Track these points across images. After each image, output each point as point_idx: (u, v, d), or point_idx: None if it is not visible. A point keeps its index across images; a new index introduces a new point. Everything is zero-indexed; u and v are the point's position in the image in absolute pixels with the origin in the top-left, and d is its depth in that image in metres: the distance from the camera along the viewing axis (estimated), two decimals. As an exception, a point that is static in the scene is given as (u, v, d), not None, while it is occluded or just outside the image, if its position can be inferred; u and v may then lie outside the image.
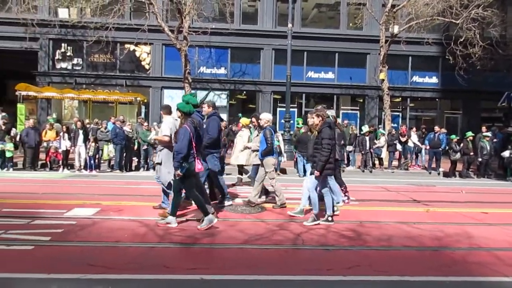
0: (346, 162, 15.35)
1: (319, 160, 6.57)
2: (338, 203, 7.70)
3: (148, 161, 13.83)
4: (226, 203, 7.82)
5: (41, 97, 19.18)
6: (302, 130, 13.06)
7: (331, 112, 8.83)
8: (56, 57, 21.15)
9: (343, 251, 5.36)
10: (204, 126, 7.41)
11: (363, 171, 14.68)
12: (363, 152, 14.73)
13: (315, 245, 5.54)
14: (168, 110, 7.26)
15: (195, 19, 17.79)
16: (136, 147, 13.78)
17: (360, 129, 16.81)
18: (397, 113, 22.40)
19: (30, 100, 19.51)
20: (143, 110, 20.73)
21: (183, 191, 6.47)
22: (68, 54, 21.15)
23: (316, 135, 6.79)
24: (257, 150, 7.97)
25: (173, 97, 20.92)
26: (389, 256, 5.28)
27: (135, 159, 14.17)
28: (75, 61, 21.22)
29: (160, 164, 6.98)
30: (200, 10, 17.84)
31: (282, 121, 18.23)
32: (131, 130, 13.75)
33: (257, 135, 8.56)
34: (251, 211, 7.50)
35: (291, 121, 17.60)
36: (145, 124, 14.18)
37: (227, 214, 7.20)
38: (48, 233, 5.65)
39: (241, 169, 10.85)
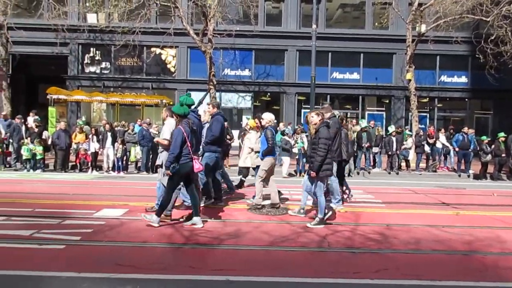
0: (372, 164, 15.18)
1: (315, 160, 6.49)
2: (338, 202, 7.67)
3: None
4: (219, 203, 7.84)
5: (71, 100, 19.74)
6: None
7: (338, 112, 8.74)
8: (85, 61, 21.73)
9: (370, 254, 5.28)
10: (207, 126, 7.56)
11: (389, 173, 14.44)
12: (389, 153, 14.49)
13: (341, 248, 5.48)
14: (170, 112, 7.30)
15: (220, 22, 17.95)
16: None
17: (386, 130, 16.54)
18: (425, 114, 21.96)
19: (60, 104, 20.11)
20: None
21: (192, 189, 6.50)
22: (97, 58, 21.70)
23: (314, 135, 6.72)
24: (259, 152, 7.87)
25: (198, 99, 21.09)
26: (418, 259, 5.17)
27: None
28: (103, 65, 21.75)
29: (161, 166, 7.00)
30: (224, 12, 18.00)
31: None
32: (157, 132, 13.96)
33: (259, 136, 8.55)
34: (276, 213, 7.48)
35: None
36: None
37: (251, 216, 7.22)
38: (78, 233, 5.80)
39: (246, 171, 10.56)
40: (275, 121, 9.84)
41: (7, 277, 4.15)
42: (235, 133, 15.40)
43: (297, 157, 13.31)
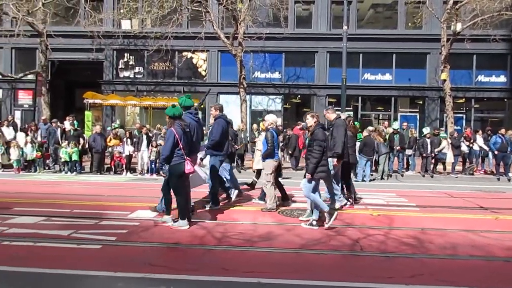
0: (405, 166, 14.85)
1: (310, 162, 6.52)
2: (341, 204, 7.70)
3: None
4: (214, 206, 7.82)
5: (106, 104, 20.33)
6: (365, 133, 12.79)
7: (344, 115, 8.68)
8: (120, 66, 22.33)
9: (404, 259, 5.17)
10: (209, 128, 7.58)
11: (424, 175, 14.06)
12: (423, 155, 14.12)
13: (374, 252, 5.39)
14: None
15: (250, 25, 18.04)
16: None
17: (420, 132, 16.13)
18: (461, 115, 21.26)
19: (96, 108, 20.74)
20: (200, 115, 21.28)
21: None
22: (131, 63, 22.26)
23: (310, 137, 6.74)
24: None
25: (229, 102, 21.27)
26: (454, 265, 5.02)
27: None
28: (136, 69, 22.29)
29: None
30: (254, 16, 18.09)
31: (338, 124, 17.95)
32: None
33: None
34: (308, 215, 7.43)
35: (347, 125, 17.29)
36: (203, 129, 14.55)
37: (283, 218, 7.21)
38: (114, 233, 5.97)
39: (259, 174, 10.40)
40: (279, 123, 9.74)
41: (48, 276, 4.32)
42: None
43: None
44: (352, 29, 20.36)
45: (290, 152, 14.94)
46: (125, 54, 22.23)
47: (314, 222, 6.61)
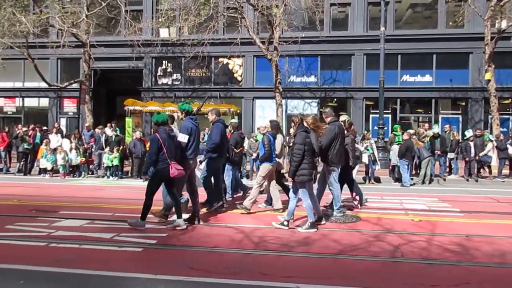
0: (447, 170, 14.35)
1: (291, 166, 6.55)
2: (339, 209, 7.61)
3: (242, 169, 14.23)
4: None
5: (145, 111, 20.88)
6: (405, 137, 12.45)
7: (343, 117, 8.62)
8: (158, 74, 22.93)
9: (448, 266, 4.97)
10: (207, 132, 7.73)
11: (467, 180, 13.50)
12: (467, 159, 13.57)
13: (416, 259, 5.21)
14: (172, 119, 7.67)
15: (285, 29, 18.06)
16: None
17: (463, 135, 15.51)
18: (507, 116, 20.32)
19: (136, 114, 21.34)
20: (236, 120, 21.46)
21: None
22: (168, 70, 22.81)
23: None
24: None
25: (264, 107, 21.39)
26: (504, 274, 4.78)
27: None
28: (174, 76, 22.80)
29: None
30: (290, 20, 18.09)
31: (376, 127, 17.64)
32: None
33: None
34: (345, 221, 7.33)
35: (385, 128, 16.95)
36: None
37: (320, 224, 7.12)
38: (154, 236, 6.10)
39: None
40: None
41: (93, 277, 4.46)
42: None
43: (366, 163, 12.91)
44: (390, 30, 19.96)
45: (327, 156, 14.76)
46: (163, 62, 22.80)
47: (286, 223, 6.64)
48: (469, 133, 14.00)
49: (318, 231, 6.54)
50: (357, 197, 8.58)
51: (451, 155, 14.03)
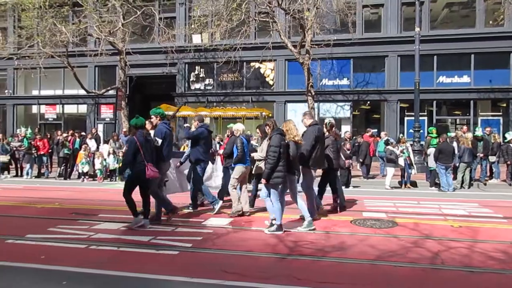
0: (488, 174, 13.81)
1: (266, 168, 6.61)
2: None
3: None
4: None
5: (179, 115, 21.26)
6: (441, 140, 12.10)
7: (328, 120, 8.73)
8: (191, 79, 23.29)
9: (492, 275, 4.77)
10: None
11: (510, 184, 12.94)
12: (508, 162, 13.01)
13: (457, 266, 5.03)
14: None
15: (317, 32, 17.95)
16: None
17: (504, 137, 14.88)
18: (552, 117, 19.38)
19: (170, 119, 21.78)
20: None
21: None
22: (201, 75, 23.13)
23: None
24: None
25: (296, 111, 21.28)
26: (552, 284, 4.54)
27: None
28: (207, 81, 23.10)
29: None
30: (322, 23, 17.98)
31: (411, 130, 17.21)
32: (258, 144, 14.34)
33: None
34: (381, 226, 7.18)
35: (421, 131, 16.51)
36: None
37: (355, 228, 7.01)
38: (189, 240, 6.18)
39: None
40: (248, 131, 9.92)
41: (131, 279, 4.56)
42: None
43: (402, 166, 12.60)
44: (425, 31, 19.46)
45: (360, 160, 14.55)
46: (196, 67, 23.14)
47: (277, 227, 6.60)
48: (510, 135, 13.41)
49: (354, 236, 6.44)
50: (337, 199, 8.56)
51: (492, 158, 13.49)
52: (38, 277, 4.63)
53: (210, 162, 9.18)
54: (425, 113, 20.50)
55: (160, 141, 7.20)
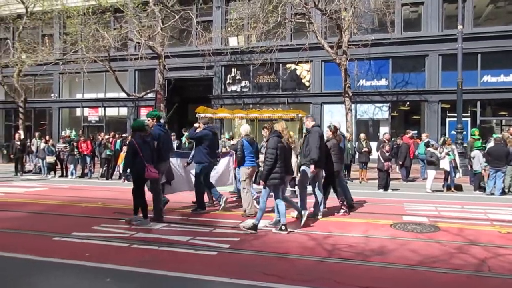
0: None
1: (263, 170, 6.86)
2: (316, 215, 7.90)
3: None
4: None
5: (216, 117, 21.51)
6: (491, 143, 11.61)
7: (334, 123, 8.87)
8: (227, 81, 23.53)
9: (544, 284, 4.53)
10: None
11: None
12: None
13: (506, 274, 4.81)
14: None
15: (354, 33, 17.69)
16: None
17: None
18: None
19: (206, 121, 22.04)
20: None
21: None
22: (237, 77, 23.33)
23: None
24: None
25: (333, 112, 21.06)
26: None
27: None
28: (243, 83, 23.27)
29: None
30: (359, 23, 17.72)
31: (453, 132, 16.64)
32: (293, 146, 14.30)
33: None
34: (423, 230, 6.97)
35: (464, 132, 15.92)
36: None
37: (395, 232, 6.85)
38: (227, 241, 6.23)
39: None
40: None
41: (171, 278, 4.65)
42: (373, 145, 14.93)
43: (447, 169, 12.16)
44: (468, 28, 18.77)
45: (400, 162, 14.20)
46: (233, 69, 23.35)
47: (284, 227, 6.75)
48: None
49: (394, 240, 6.29)
50: (345, 203, 8.50)
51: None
52: (84, 274, 4.82)
53: (220, 162, 9.69)
54: (468, 114, 19.73)
55: (155, 142, 7.55)
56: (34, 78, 25.73)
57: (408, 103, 21.24)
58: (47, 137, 17.97)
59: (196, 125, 8.98)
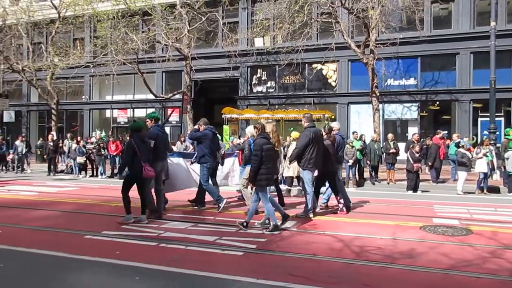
0: None
1: (250, 171, 6.95)
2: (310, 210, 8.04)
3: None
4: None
5: (241, 118, 21.63)
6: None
7: (335, 124, 9.32)
8: (253, 82, 23.59)
9: None
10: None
11: None
12: None
13: (543, 280, 4.63)
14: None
15: (382, 31, 17.42)
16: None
17: None
18: None
19: (233, 122, 22.21)
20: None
21: None
22: (263, 78, 23.36)
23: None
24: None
25: (360, 112, 20.81)
26: None
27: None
28: (268, 84, 23.28)
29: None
30: (387, 21, 17.43)
31: (485, 132, 16.14)
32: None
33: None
34: (454, 233, 6.79)
35: (497, 132, 15.41)
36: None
37: (425, 235, 6.69)
38: (254, 241, 6.24)
39: (290, 180, 11.67)
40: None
41: (199, 277, 4.69)
42: (401, 145, 14.66)
43: (485, 171, 11.79)
44: (502, 25, 18.17)
45: (429, 163, 13.87)
46: (258, 70, 23.40)
47: (273, 227, 6.78)
48: None
49: (424, 243, 6.15)
50: (342, 200, 8.57)
51: None
52: (114, 272, 4.93)
53: (225, 162, 10.11)
54: (502, 114, 19.10)
55: (152, 142, 7.82)
56: (66, 81, 26.56)
57: (437, 102, 20.75)
58: (78, 138, 18.49)
59: (196, 127, 9.17)
